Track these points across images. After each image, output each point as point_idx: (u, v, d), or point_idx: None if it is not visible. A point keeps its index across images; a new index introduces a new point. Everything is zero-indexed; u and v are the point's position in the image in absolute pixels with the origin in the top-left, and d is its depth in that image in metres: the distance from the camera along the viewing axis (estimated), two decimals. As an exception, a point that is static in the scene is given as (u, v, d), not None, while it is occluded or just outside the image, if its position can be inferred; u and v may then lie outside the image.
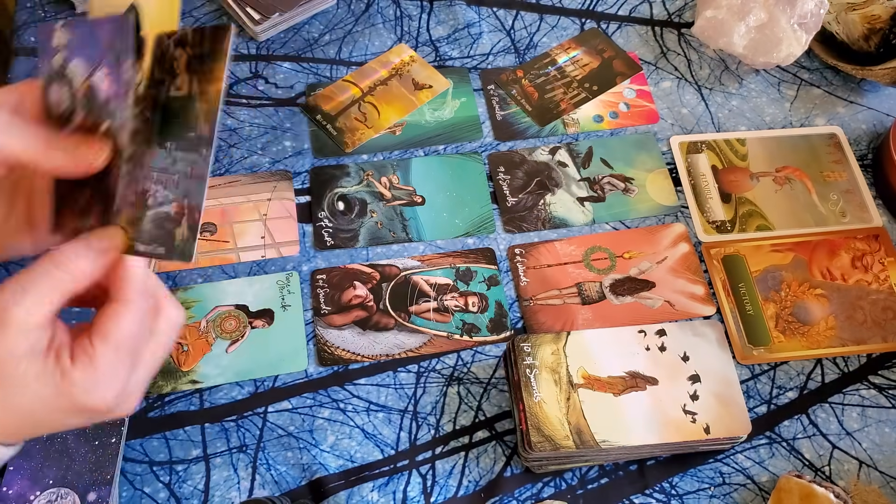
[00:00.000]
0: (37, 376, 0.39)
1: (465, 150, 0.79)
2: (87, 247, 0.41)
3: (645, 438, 0.59)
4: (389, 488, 0.61)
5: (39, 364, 0.39)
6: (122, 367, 0.41)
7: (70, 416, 0.41)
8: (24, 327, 0.39)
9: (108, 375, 0.40)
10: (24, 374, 0.39)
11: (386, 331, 0.68)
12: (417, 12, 0.88)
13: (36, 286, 0.40)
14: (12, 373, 0.39)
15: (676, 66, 0.86)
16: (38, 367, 0.39)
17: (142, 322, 0.42)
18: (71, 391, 0.39)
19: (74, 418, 0.41)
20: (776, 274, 0.72)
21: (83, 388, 0.40)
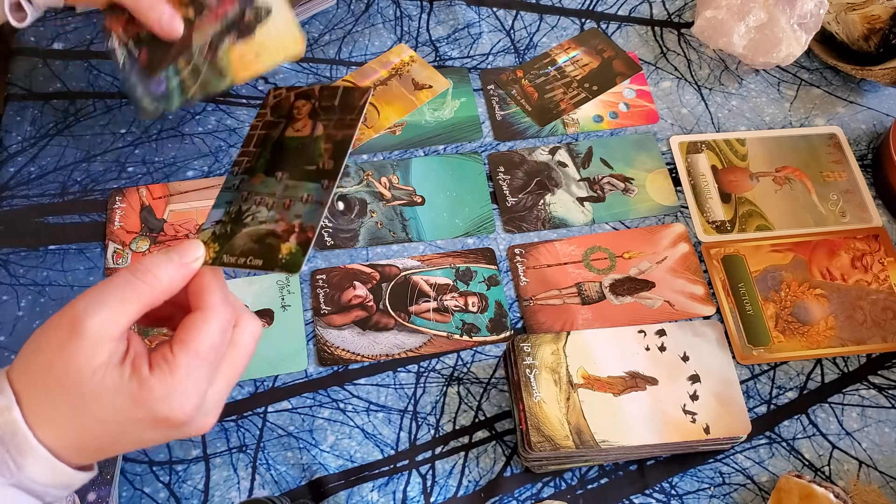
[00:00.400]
0: (114, 387, 0.38)
1: (465, 150, 0.79)
2: (169, 259, 0.41)
3: (645, 438, 0.59)
4: (389, 488, 0.61)
5: (116, 374, 0.38)
6: (203, 376, 0.40)
7: (147, 428, 0.39)
8: (100, 338, 0.38)
9: (188, 384, 0.39)
10: (100, 385, 0.38)
11: (386, 331, 0.68)
12: (417, 12, 0.88)
13: (114, 297, 0.39)
14: (88, 384, 0.38)
15: (676, 66, 0.86)
16: (114, 377, 0.38)
17: (224, 332, 0.41)
18: (149, 400, 0.38)
19: (152, 432, 0.40)
20: (776, 274, 0.72)
21: (161, 396, 0.38)
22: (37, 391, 0.38)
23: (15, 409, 0.38)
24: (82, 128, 0.78)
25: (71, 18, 0.85)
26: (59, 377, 0.38)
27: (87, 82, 0.81)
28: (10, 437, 0.37)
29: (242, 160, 0.48)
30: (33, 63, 0.82)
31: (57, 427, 0.38)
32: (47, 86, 0.81)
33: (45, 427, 0.38)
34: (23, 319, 0.67)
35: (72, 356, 0.38)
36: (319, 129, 0.47)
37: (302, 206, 0.44)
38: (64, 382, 0.38)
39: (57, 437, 0.39)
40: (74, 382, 0.38)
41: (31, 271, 0.70)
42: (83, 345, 0.38)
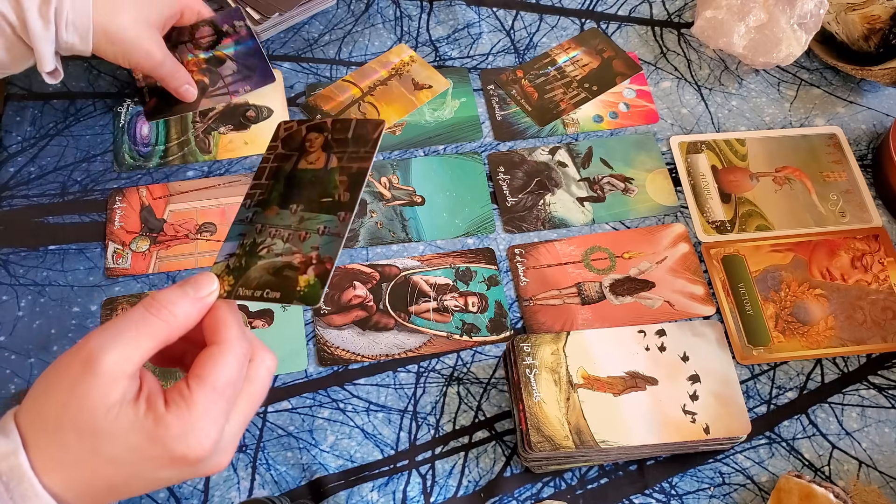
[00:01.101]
0: (129, 425, 0.37)
1: (465, 150, 0.79)
2: (184, 293, 0.40)
3: (645, 438, 0.59)
4: (389, 488, 0.61)
5: (131, 412, 0.37)
6: (220, 412, 0.39)
7: (162, 468, 0.38)
8: (115, 376, 0.37)
9: (205, 420, 0.38)
10: (114, 424, 0.37)
11: (386, 331, 0.68)
12: (417, 12, 0.88)
13: (129, 333, 0.38)
14: (102, 423, 0.37)
15: (676, 66, 0.86)
16: (129, 415, 0.37)
17: (240, 367, 0.41)
18: (165, 438, 0.37)
19: (166, 471, 0.39)
20: (776, 274, 0.72)
21: (178, 434, 0.38)
22: (47, 434, 0.38)
23: (21, 454, 0.37)
24: (82, 128, 0.78)
25: (71, 18, 0.85)
26: (73, 417, 0.37)
27: (87, 82, 0.81)
28: (16, 484, 0.36)
29: (255, 192, 0.48)
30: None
31: (66, 471, 0.38)
32: (47, 86, 0.81)
33: (52, 472, 0.37)
34: (23, 319, 0.67)
35: (86, 394, 0.37)
36: (334, 161, 0.47)
37: (318, 237, 0.44)
38: (77, 423, 0.37)
39: (65, 482, 0.38)
40: (88, 422, 0.37)
41: (31, 271, 0.70)
42: (98, 382, 0.37)
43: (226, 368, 0.40)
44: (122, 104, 0.80)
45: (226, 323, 0.41)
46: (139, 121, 0.78)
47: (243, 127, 0.78)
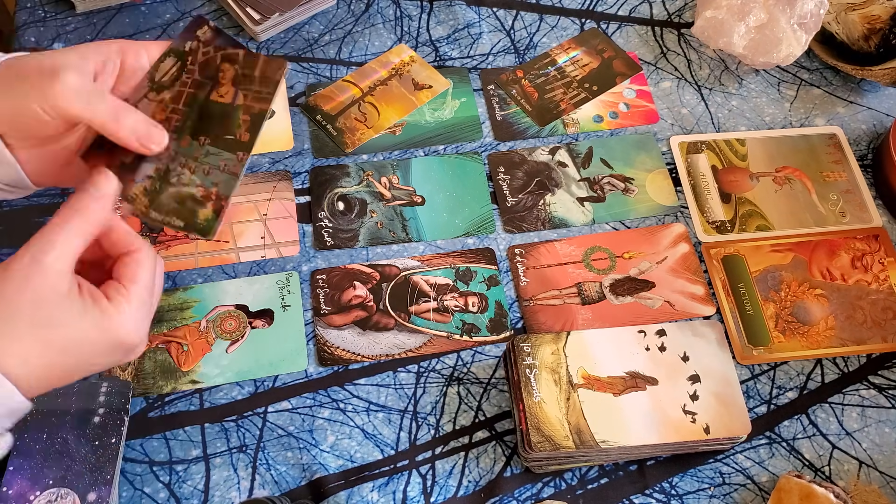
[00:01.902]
0: (80, 313, 0.42)
1: (465, 151, 0.79)
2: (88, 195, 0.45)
3: (645, 438, 0.59)
4: (389, 488, 0.61)
5: (80, 303, 0.43)
6: (148, 307, 0.46)
7: (106, 354, 0.44)
8: (59, 271, 0.42)
9: (142, 313, 0.45)
10: (67, 312, 0.42)
11: (386, 331, 0.68)
12: (417, 12, 0.88)
13: (60, 235, 0.43)
14: (56, 312, 0.42)
15: (676, 66, 0.86)
16: (78, 305, 0.42)
17: (154, 268, 0.47)
18: (110, 327, 0.43)
19: (107, 357, 0.45)
20: (776, 274, 0.72)
21: (122, 324, 0.44)
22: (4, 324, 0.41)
23: None
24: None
25: (71, 18, 0.86)
26: (27, 311, 0.41)
27: (87, 82, 0.81)
28: None
29: (173, 118, 0.50)
30: (33, 63, 0.82)
31: (23, 357, 0.41)
32: (47, 86, 0.81)
33: (9, 358, 0.41)
34: (23, 319, 0.67)
35: (37, 288, 0.41)
36: (240, 98, 0.50)
37: (220, 174, 0.48)
38: (32, 315, 0.41)
39: (21, 368, 0.41)
40: (42, 313, 0.41)
41: (31, 271, 0.70)
42: (47, 276, 0.42)
43: (148, 270, 0.46)
44: None
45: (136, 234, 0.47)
46: None
47: None
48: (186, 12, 0.87)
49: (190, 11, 0.87)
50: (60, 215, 0.44)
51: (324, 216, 0.74)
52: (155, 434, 0.63)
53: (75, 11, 0.85)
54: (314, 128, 0.80)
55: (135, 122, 0.47)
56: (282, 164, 0.77)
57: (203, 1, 0.88)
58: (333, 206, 0.75)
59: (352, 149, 0.78)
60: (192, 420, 0.63)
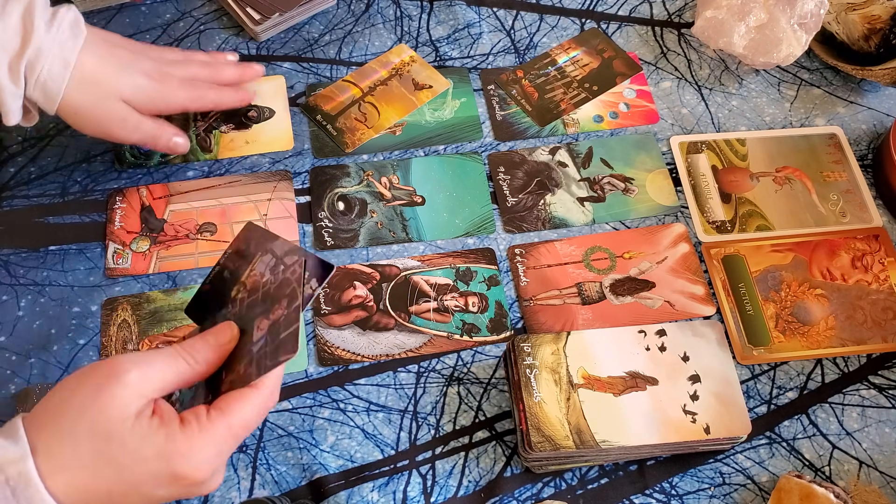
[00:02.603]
0: (142, 436, 0.40)
1: (465, 151, 0.79)
2: (206, 342, 0.44)
3: (645, 438, 0.59)
4: (389, 488, 0.61)
5: (146, 424, 0.40)
6: (227, 447, 0.42)
7: (161, 485, 0.41)
8: (138, 391, 0.40)
9: (213, 448, 0.41)
10: (129, 432, 0.39)
11: (386, 331, 0.68)
12: (417, 12, 0.88)
13: (156, 362, 0.41)
14: (118, 430, 0.39)
15: (676, 66, 0.86)
16: (144, 426, 0.40)
17: (260, 416, 0.44)
18: (172, 454, 0.40)
19: (164, 488, 0.41)
20: (776, 274, 0.72)
21: (184, 453, 0.40)
22: (59, 436, 0.39)
23: (29, 460, 0.38)
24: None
25: (71, 18, 0.85)
26: (91, 420, 0.39)
27: (87, 82, 0.81)
28: (23, 489, 0.38)
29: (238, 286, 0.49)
30: (33, 63, 0.82)
31: (70, 475, 0.39)
32: (47, 86, 0.81)
33: (57, 475, 0.39)
34: (23, 319, 0.67)
35: (108, 402, 0.39)
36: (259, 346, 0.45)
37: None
38: (94, 426, 0.39)
39: (67, 486, 0.39)
40: (104, 426, 0.39)
41: (31, 271, 0.70)
42: (121, 392, 0.40)
43: (249, 412, 0.43)
44: None
45: (272, 375, 0.44)
46: None
47: (245, 126, 0.78)
48: (186, 12, 0.87)
49: (190, 11, 0.87)
50: (175, 346, 0.43)
51: (324, 216, 0.74)
52: (155, 434, 0.63)
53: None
54: (314, 128, 0.80)
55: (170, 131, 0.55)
56: (282, 164, 0.77)
57: (203, 1, 0.88)
58: (333, 206, 0.75)
59: (352, 149, 0.78)
60: (192, 420, 0.63)
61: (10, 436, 0.39)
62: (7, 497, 0.38)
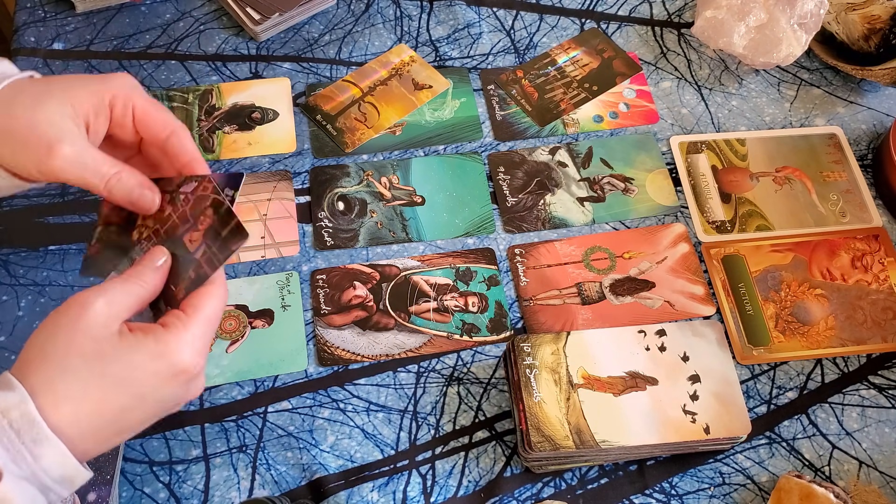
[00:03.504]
0: (131, 346, 0.42)
1: (465, 150, 0.79)
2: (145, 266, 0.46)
3: (645, 438, 0.59)
4: (389, 488, 0.61)
5: (132, 338, 0.42)
6: (207, 337, 0.45)
7: (164, 383, 0.43)
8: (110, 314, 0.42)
9: (199, 340, 0.44)
10: (118, 346, 0.42)
11: (386, 331, 0.68)
12: (417, 12, 0.88)
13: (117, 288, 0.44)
14: (107, 347, 0.41)
15: (676, 66, 0.86)
16: (130, 339, 0.42)
17: (223, 305, 0.46)
18: (165, 351, 0.42)
19: (167, 388, 0.43)
20: (776, 274, 0.72)
21: (176, 348, 0.42)
22: (53, 369, 0.41)
23: (29, 402, 0.39)
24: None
25: (71, 18, 0.86)
26: (80, 348, 0.41)
27: (87, 82, 0.81)
28: (28, 429, 0.39)
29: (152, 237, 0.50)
30: (33, 63, 0.82)
31: (73, 404, 0.40)
32: (47, 86, 0.81)
33: (62, 407, 0.40)
34: (23, 319, 0.67)
35: (89, 327, 0.41)
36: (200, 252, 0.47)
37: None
38: (83, 350, 0.41)
39: (72, 416, 0.40)
40: (93, 348, 0.41)
41: (31, 271, 0.70)
42: (96, 318, 0.42)
43: (216, 303, 0.45)
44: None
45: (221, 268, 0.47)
46: None
47: (248, 128, 0.78)
48: (186, 12, 0.87)
49: (190, 11, 0.87)
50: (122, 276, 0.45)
51: (324, 216, 0.74)
52: (155, 434, 0.63)
53: (75, 11, 0.85)
54: (314, 128, 0.79)
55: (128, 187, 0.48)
56: (282, 164, 0.77)
57: (203, 1, 0.88)
58: (333, 206, 0.75)
59: (352, 149, 0.78)
60: (192, 420, 0.63)
61: (4, 386, 0.40)
62: (13, 440, 0.39)
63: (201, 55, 0.84)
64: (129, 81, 0.50)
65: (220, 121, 0.79)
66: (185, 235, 0.48)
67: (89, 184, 0.47)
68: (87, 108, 0.48)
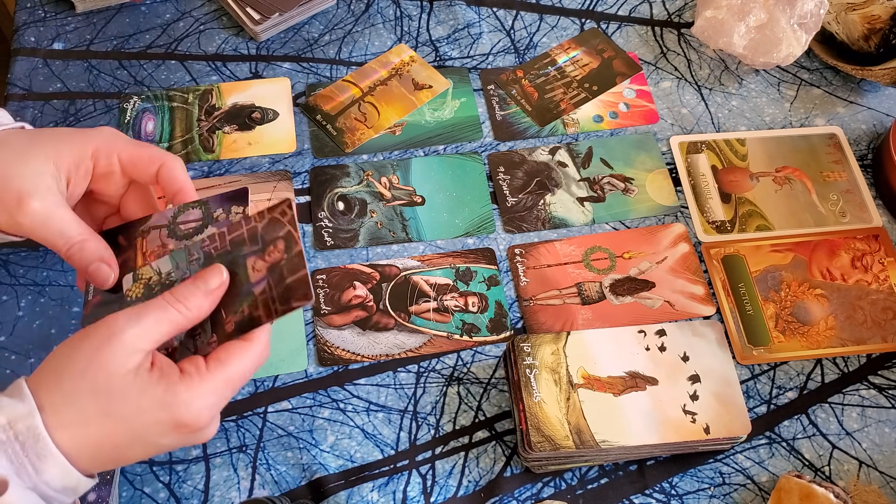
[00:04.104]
0: (142, 389, 0.41)
1: (465, 150, 0.79)
2: (196, 287, 0.44)
3: (645, 438, 0.59)
4: (389, 488, 0.61)
5: (145, 377, 0.41)
6: (223, 397, 0.43)
7: (165, 432, 0.42)
8: (135, 347, 0.41)
9: (212, 398, 0.43)
10: (129, 386, 0.41)
11: (386, 331, 0.68)
12: (417, 12, 0.88)
13: (151, 317, 0.42)
14: (118, 385, 0.41)
15: (676, 66, 0.86)
16: (143, 380, 0.41)
17: (255, 368, 0.45)
18: (173, 403, 0.41)
19: (168, 437, 0.42)
20: (776, 274, 0.72)
21: (185, 401, 0.42)
22: (63, 396, 0.41)
23: (36, 416, 0.40)
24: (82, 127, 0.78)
25: (71, 18, 0.86)
26: (91, 380, 0.40)
27: (87, 82, 0.81)
28: (32, 443, 0.39)
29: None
30: (33, 63, 0.82)
31: (76, 430, 0.41)
32: (47, 86, 0.81)
33: (63, 431, 0.40)
34: (23, 319, 0.67)
35: (106, 360, 0.41)
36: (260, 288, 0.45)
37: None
38: (95, 385, 0.40)
39: (74, 441, 0.40)
40: (104, 384, 0.41)
41: (31, 271, 0.70)
42: (118, 350, 0.41)
43: (245, 364, 0.44)
44: (130, 100, 0.79)
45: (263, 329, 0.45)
46: (144, 116, 0.78)
47: (248, 128, 0.78)
48: (186, 12, 0.87)
49: (190, 11, 0.87)
50: (164, 299, 0.43)
51: (324, 216, 0.74)
52: (155, 434, 0.63)
53: (75, 11, 0.85)
54: (314, 128, 0.80)
55: (88, 258, 0.48)
56: (282, 164, 0.77)
57: (203, 1, 0.88)
58: (333, 206, 0.75)
59: (352, 149, 0.78)
60: (192, 420, 0.63)
61: (16, 394, 0.41)
62: (17, 452, 0.39)
63: (201, 55, 0.84)
64: (109, 132, 0.50)
65: (220, 121, 0.79)
66: (250, 258, 0.46)
67: (54, 245, 0.47)
68: (69, 162, 0.48)
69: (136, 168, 0.50)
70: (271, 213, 0.46)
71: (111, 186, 0.51)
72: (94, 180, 0.50)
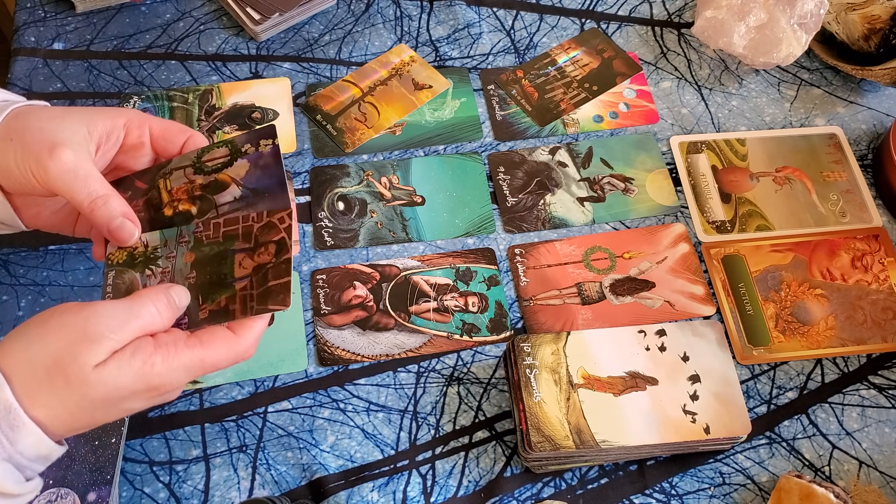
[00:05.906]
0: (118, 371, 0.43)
1: (465, 151, 0.79)
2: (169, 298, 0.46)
3: (645, 438, 0.59)
4: (389, 488, 0.61)
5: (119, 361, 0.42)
6: (196, 374, 0.45)
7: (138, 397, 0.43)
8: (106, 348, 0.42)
9: (185, 374, 0.44)
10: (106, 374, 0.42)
11: (386, 331, 0.68)
12: (417, 12, 0.88)
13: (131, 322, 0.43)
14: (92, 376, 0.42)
15: (676, 66, 0.86)
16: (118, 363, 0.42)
17: (233, 360, 0.46)
18: (149, 374, 0.42)
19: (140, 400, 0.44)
20: (776, 274, 0.72)
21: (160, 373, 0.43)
22: (37, 381, 0.41)
23: (6, 389, 0.40)
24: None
25: (71, 18, 0.86)
26: (65, 371, 0.41)
27: (87, 82, 0.81)
28: (4, 415, 0.40)
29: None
30: (33, 63, 0.82)
31: (50, 411, 0.41)
32: (47, 86, 0.81)
33: (37, 409, 0.41)
34: (23, 319, 0.67)
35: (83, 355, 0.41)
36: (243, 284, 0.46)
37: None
38: (69, 375, 0.41)
39: (50, 415, 0.41)
40: (78, 375, 0.41)
41: (31, 271, 0.70)
42: (96, 349, 0.41)
43: (224, 354, 0.45)
44: (130, 100, 0.79)
45: (254, 330, 0.46)
46: None
47: (248, 128, 0.78)
48: (186, 12, 0.87)
49: (190, 11, 0.87)
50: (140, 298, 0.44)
51: (324, 216, 0.74)
52: (155, 434, 0.63)
53: (75, 11, 0.85)
54: (314, 128, 0.80)
55: (111, 213, 0.48)
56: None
57: (203, 1, 0.88)
58: (333, 206, 0.75)
59: (352, 149, 0.78)
60: (192, 420, 0.63)
61: None
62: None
63: (201, 55, 0.84)
64: (140, 112, 0.52)
65: (220, 121, 0.79)
66: (239, 254, 0.47)
67: (75, 198, 0.47)
68: (101, 130, 0.49)
69: (166, 139, 0.51)
70: (270, 217, 0.47)
71: (137, 160, 0.52)
72: (122, 150, 0.51)
